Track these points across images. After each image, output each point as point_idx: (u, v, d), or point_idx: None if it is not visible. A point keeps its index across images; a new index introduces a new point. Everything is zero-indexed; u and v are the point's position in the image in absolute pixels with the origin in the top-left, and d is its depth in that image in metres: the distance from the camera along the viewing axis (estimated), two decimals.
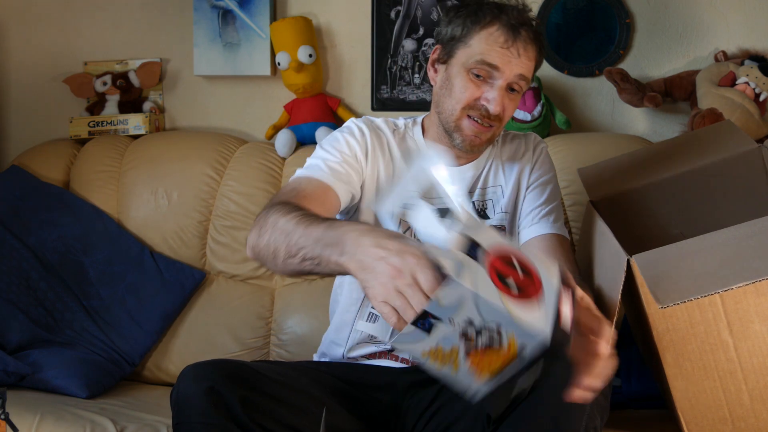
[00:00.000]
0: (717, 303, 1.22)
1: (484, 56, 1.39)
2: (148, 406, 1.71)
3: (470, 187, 1.52)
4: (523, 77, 1.41)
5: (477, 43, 1.40)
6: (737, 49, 2.10)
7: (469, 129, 1.43)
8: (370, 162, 1.48)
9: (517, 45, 1.38)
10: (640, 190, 1.62)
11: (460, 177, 1.51)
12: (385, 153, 1.50)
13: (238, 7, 2.24)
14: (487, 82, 1.40)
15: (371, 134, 1.50)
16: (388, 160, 1.50)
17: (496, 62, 1.38)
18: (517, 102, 1.45)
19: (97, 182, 2.15)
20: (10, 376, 1.75)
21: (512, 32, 1.38)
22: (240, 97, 2.33)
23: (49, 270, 1.98)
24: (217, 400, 1.17)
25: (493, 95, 1.39)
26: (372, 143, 1.49)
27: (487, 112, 1.40)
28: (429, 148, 1.21)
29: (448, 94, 1.44)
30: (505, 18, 1.39)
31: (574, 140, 2.06)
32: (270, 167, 2.11)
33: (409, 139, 1.53)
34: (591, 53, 2.17)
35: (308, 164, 1.44)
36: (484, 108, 1.40)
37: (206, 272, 2.09)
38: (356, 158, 1.47)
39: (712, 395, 1.29)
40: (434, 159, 1.13)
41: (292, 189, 1.37)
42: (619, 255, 1.24)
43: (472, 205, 1.52)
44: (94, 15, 2.37)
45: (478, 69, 1.39)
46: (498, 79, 1.39)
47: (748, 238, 1.19)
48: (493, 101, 1.39)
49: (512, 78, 1.39)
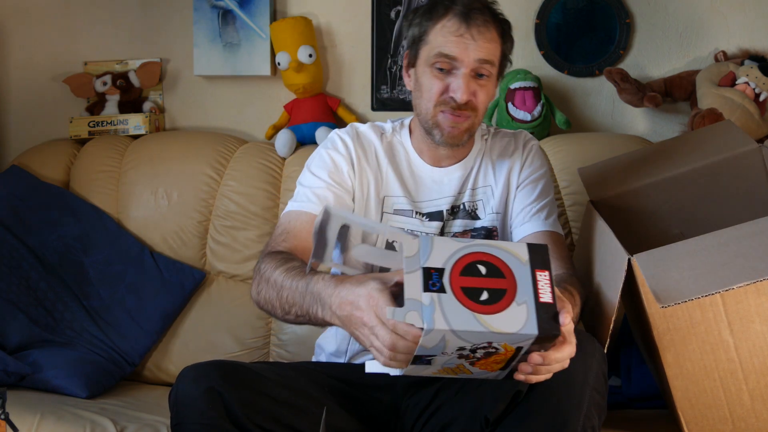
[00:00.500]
0: (718, 303, 1.22)
1: (440, 48, 1.38)
2: (148, 406, 1.71)
3: (460, 188, 1.52)
4: (485, 61, 1.38)
5: (434, 37, 1.40)
6: (737, 49, 2.10)
7: (445, 122, 1.42)
8: (357, 174, 1.49)
9: (472, 30, 1.37)
10: (640, 190, 1.62)
11: (447, 178, 1.51)
12: (372, 162, 1.51)
13: (238, 7, 2.24)
14: (451, 73, 1.39)
15: (355, 145, 1.50)
16: (376, 168, 1.50)
17: (453, 52, 1.37)
18: (491, 87, 1.43)
19: (97, 182, 2.15)
20: (10, 376, 1.75)
21: (465, 19, 1.37)
22: (240, 97, 2.33)
23: (49, 270, 1.98)
24: (216, 401, 1.17)
25: (458, 84, 1.38)
26: (357, 155, 1.49)
27: (456, 102, 1.39)
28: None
29: (420, 95, 1.44)
30: (457, 7, 1.39)
31: (574, 140, 2.06)
32: (270, 167, 2.11)
33: (397, 143, 1.53)
34: (591, 53, 2.17)
35: (297, 193, 1.48)
36: (453, 99, 1.39)
37: (206, 272, 2.08)
38: (343, 175, 1.48)
39: (713, 395, 1.29)
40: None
41: (283, 231, 1.43)
42: (619, 254, 1.24)
43: (462, 206, 1.51)
44: (94, 15, 2.37)
45: (439, 62, 1.39)
46: (459, 68, 1.38)
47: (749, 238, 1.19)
48: (459, 90, 1.38)
49: (473, 64, 1.38)
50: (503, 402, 1.17)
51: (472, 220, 1.51)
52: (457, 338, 0.94)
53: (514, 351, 0.98)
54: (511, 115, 2.07)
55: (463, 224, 1.51)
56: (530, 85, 2.07)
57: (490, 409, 1.18)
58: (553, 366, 1.03)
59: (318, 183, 1.46)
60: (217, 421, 1.16)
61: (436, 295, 0.95)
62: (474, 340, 0.95)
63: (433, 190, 1.51)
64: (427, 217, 1.50)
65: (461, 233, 1.50)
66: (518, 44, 2.19)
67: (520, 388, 1.16)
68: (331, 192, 1.45)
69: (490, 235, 1.52)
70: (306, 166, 1.52)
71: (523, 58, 2.19)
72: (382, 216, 1.49)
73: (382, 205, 1.50)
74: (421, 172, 1.51)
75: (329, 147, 1.51)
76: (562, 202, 1.96)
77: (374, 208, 1.49)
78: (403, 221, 1.49)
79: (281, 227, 1.44)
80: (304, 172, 1.50)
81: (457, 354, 0.97)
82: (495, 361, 1.00)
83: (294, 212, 1.45)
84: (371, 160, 1.51)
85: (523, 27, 2.19)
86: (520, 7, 2.18)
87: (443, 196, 1.51)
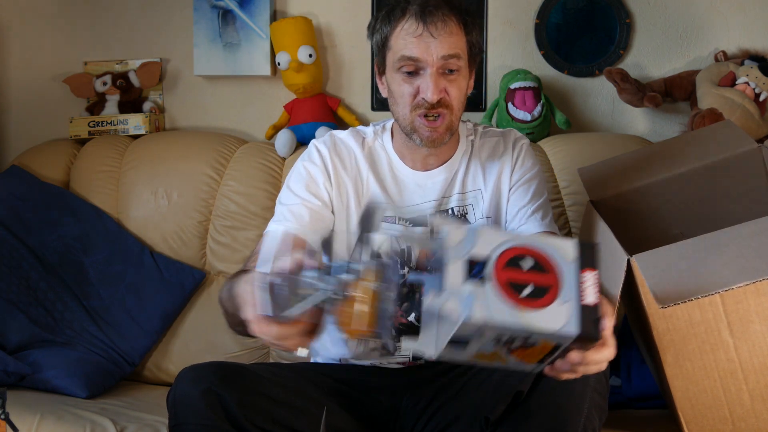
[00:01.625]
0: (717, 303, 1.22)
1: (402, 52, 1.36)
2: (148, 406, 1.71)
3: (446, 191, 1.48)
4: (450, 56, 1.36)
5: (395, 41, 1.38)
6: (737, 49, 2.10)
7: (422, 127, 1.39)
8: (334, 185, 1.47)
9: (430, 28, 1.35)
10: (640, 190, 1.62)
11: (431, 182, 1.48)
12: (351, 170, 1.49)
13: (238, 7, 2.24)
14: (419, 74, 1.37)
15: (332, 155, 1.48)
16: (356, 176, 1.48)
17: (414, 53, 1.35)
18: (462, 81, 1.40)
19: (97, 182, 2.15)
20: (10, 376, 1.75)
21: (422, 17, 1.35)
22: (240, 97, 2.33)
23: (49, 270, 1.98)
24: (214, 402, 1.17)
25: (426, 84, 1.36)
26: (333, 166, 1.47)
27: (429, 102, 1.37)
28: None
29: (394, 102, 1.42)
30: (413, 7, 1.36)
31: (574, 140, 2.06)
32: (270, 167, 2.11)
33: (378, 148, 1.51)
34: (591, 53, 2.17)
35: (276, 212, 1.47)
36: (425, 100, 1.37)
37: (206, 272, 2.08)
38: (319, 188, 1.46)
39: (713, 395, 1.29)
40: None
41: (255, 252, 1.43)
42: (619, 255, 1.24)
43: (450, 211, 1.48)
44: (94, 15, 2.37)
45: (404, 66, 1.37)
46: (426, 68, 1.36)
47: (749, 238, 1.19)
48: (428, 89, 1.35)
49: (438, 62, 1.35)
50: (503, 403, 1.17)
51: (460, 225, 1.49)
52: (495, 329, 0.93)
53: (552, 347, 0.97)
54: (511, 115, 2.07)
55: None
56: (530, 85, 2.07)
57: (490, 410, 1.19)
58: (590, 367, 1.00)
59: (294, 200, 1.45)
60: (216, 422, 1.16)
61: (479, 287, 0.93)
62: (513, 332, 0.93)
63: (417, 195, 1.48)
64: (411, 222, 1.47)
65: None
66: (518, 44, 2.21)
67: (521, 389, 1.16)
68: (306, 208, 1.44)
69: None
70: (285, 181, 1.51)
71: (523, 58, 2.19)
72: None
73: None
74: (404, 176, 1.49)
75: (306, 159, 1.49)
76: (562, 202, 1.96)
77: (355, 217, 1.47)
78: (385, 228, 1.45)
79: (256, 248, 1.44)
80: (283, 189, 1.49)
81: (494, 341, 0.96)
82: (532, 354, 0.98)
83: (270, 233, 1.43)
84: (350, 168, 1.48)
85: (523, 27, 2.19)
86: (520, 7, 2.18)
87: (427, 201, 1.48)
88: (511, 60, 2.20)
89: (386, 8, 1.41)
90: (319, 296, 0.95)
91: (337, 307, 0.96)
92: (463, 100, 1.42)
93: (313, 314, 0.98)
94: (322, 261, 1.01)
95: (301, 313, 0.96)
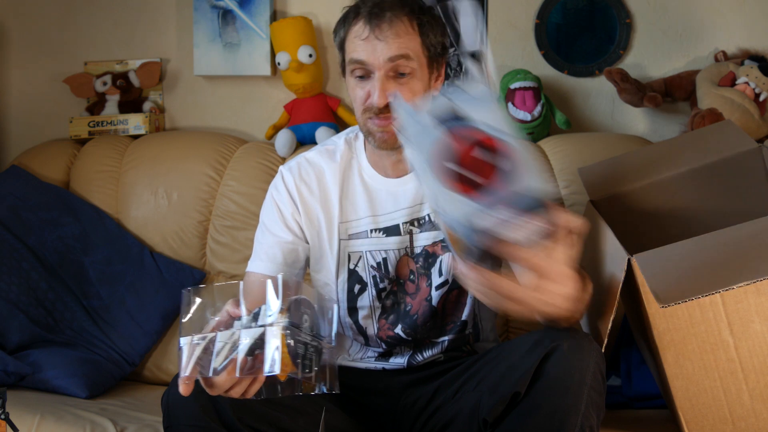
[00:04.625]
0: (717, 302, 1.22)
1: (352, 55, 1.34)
2: (148, 406, 1.71)
3: (419, 198, 1.44)
4: (398, 57, 1.31)
5: (348, 45, 1.36)
6: (737, 49, 2.10)
7: (374, 128, 1.36)
8: (302, 213, 1.46)
9: (376, 31, 1.31)
10: (640, 190, 1.62)
11: (402, 189, 1.44)
12: (320, 194, 1.46)
13: (238, 7, 2.24)
14: (370, 78, 1.34)
15: (297, 183, 1.46)
16: (324, 199, 1.46)
17: (361, 57, 1.32)
18: (415, 83, 1.35)
19: (97, 182, 2.15)
20: (10, 376, 1.75)
21: (369, 20, 1.32)
22: (240, 97, 2.33)
23: (49, 270, 1.98)
24: (207, 405, 1.17)
25: (373, 88, 1.33)
26: (299, 193, 1.46)
27: (376, 107, 1.33)
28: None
29: (353, 105, 1.40)
30: (364, 9, 1.34)
31: (574, 140, 2.06)
32: (270, 167, 2.11)
33: (350, 159, 1.48)
34: (591, 53, 2.17)
35: (254, 248, 1.49)
36: (372, 105, 1.34)
37: (206, 272, 2.09)
38: (288, 220, 1.46)
39: (713, 395, 1.29)
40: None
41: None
42: (619, 254, 1.24)
43: (426, 217, 1.44)
44: (94, 15, 2.37)
45: (356, 69, 1.35)
46: (373, 72, 1.33)
47: (749, 238, 1.19)
48: (374, 94, 1.32)
49: (385, 65, 1.31)
50: (501, 404, 1.17)
51: (439, 231, 1.45)
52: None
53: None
54: (511, 115, 2.07)
55: (431, 236, 1.44)
56: (530, 85, 2.07)
57: (488, 411, 1.19)
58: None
59: (265, 240, 1.46)
60: (209, 424, 1.17)
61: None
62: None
63: (389, 203, 1.44)
64: (384, 232, 1.44)
65: (431, 245, 1.44)
66: (518, 44, 2.21)
67: (518, 390, 1.16)
68: (279, 247, 1.45)
69: None
70: (261, 211, 1.51)
71: (523, 58, 2.20)
72: (339, 244, 1.45)
73: (338, 233, 1.45)
74: (376, 184, 1.45)
75: (273, 189, 1.49)
76: (562, 203, 1.96)
77: (327, 238, 1.45)
78: (359, 245, 1.45)
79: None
80: (259, 225, 1.50)
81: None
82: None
83: (248, 273, 1.47)
84: (317, 192, 1.46)
85: (523, 27, 2.19)
86: (520, 7, 2.19)
87: (399, 209, 1.44)
88: (511, 60, 2.20)
89: (344, 11, 1.39)
90: (239, 347, 0.97)
91: (260, 353, 0.97)
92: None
93: (244, 363, 0.99)
94: (245, 309, 1.02)
95: (222, 367, 0.98)
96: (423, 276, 1.45)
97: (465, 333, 1.48)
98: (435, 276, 1.44)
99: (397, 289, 1.46)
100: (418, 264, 1.45)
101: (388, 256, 1.44)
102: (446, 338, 1.47)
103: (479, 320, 1.49)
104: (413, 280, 1.46)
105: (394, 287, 1.46)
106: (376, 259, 1.44)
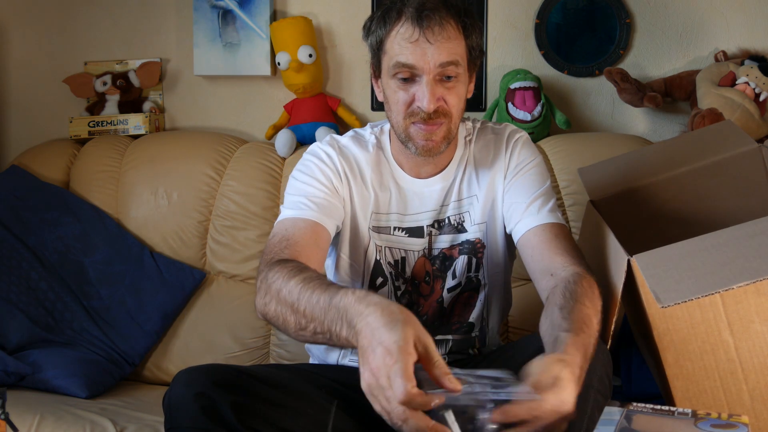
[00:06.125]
0: (717, 303, 1.22)
1: (398, 58, 1.29)
2: (148, 406, 1.71)
3: (444, 200, 1.43)
4: (448, 63, 1.28)
5: (390, 46, 1.30)
6: (737, 49, 2.10)
7: (418, 135, 1.32)
8: (345, 187, 1.41)
9: (427, 33, 1.26)
10: (640, 189, 1.62)
11: (428, 191, 1.42)
12: (357, 176, 1.42)
13: (238, 7, 2.24)
14: (415, 81, 1.30)
15: (339, 158, 1.41)
16: (360, 183, 1.42)
17: (410, 60, 1.27)
18: (461, 88, 1.32)
19: (97, 182, 2.15)
20: (10, 376, 1.75)
21: (418, 22, 1.27)
22: (240, 97, 2.33)
23: (49, 270, 1.98)
24: (207, 406, 1.17)
25: (422, 93, 1.28)
26: (342, 168, 1.41)
27: (425, 112, 1.29)
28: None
29: (389, 108, 1.35)
30: (409, 9, 1.28)
31: (574, 140, 2.06)
32: (270, 167, 2.11)
33: (380, 154, 1.44)
34: (591, 53, 2.17)
35: (291, 202, 1.38)
36: (420, 109, 1.30)
37: (206, 272, 2.08)
38: (333, 185, 1.39)
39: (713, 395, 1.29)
40: None
41: (282, 239, 1.31)
42: (619, 255, 1.24)
43: (447, 220, 1.43)
44: (94, 15, 2.37)
45: (400, 72, 1.29)
46: (421, 76, 1.28)
47: (749, 238, 1.19)
48: (424, 99, 1.28)
49: (435, 70, 1.27)
50: None
51: (458, 234, 1.44)
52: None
53: None
54: (511, 115, 2.07)
55: (449, 239, 1.43)
56: (530, 85, 2.07)
57: None
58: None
59: (312, 190, 1.38)
60: (208, 425, 1.16)
61: None
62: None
63: (415, 204, 1.42)
64: (407, 232, 1.43)
65: (448, 248, 1.44)
66: (518, 44, 2.21)
67: None
68: (326, 201, 1.37)
69: (474, 248, 1.45)
70: (292, 177, 1.43)
71: (523, 58, 2.20)
72: (369, 232, 1.43)
73: (369, 220, 1.43)
74: (405, 183, 1.42)
75: (315, 159, 1.42)
76: (562, 202, 1.96)
77: (362, 220, 1.42)
78: (382, 239, 1.43)
79: (278, 236, 1.32)
80: (292, 183, 1.41)
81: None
82: None
83: (289, 219, 1.34)
84: (356, 175, 1.42)
85: (523, 27, 2.19)
86: (520, 7, 2.19)
87: (425, 210, 1.43)
88: (511, 60, 2.20)
89: (382, 8, 1.33)
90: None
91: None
92: (462, 107, 1.36)
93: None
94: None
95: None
96: (438, 279, 1.44)
97: (471, 335, 1.47)
98: (449, 278, 1.44)
99: (412, 289, 1.45)
100: (435, 266, 1.44)
101: (407, 256, 1.43)
102: (451, 337, 1.46)
103: (486, 324, 1.49)
104: (428, 282, 1.45)
105: (409, 287, 1.45)
106: (395, 257, 1.43)
